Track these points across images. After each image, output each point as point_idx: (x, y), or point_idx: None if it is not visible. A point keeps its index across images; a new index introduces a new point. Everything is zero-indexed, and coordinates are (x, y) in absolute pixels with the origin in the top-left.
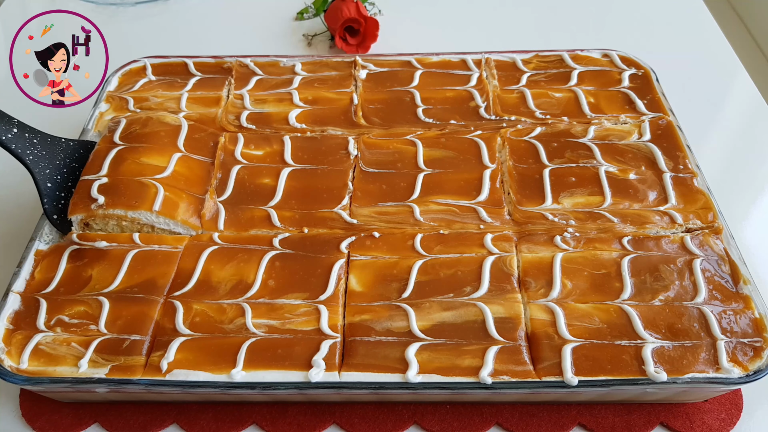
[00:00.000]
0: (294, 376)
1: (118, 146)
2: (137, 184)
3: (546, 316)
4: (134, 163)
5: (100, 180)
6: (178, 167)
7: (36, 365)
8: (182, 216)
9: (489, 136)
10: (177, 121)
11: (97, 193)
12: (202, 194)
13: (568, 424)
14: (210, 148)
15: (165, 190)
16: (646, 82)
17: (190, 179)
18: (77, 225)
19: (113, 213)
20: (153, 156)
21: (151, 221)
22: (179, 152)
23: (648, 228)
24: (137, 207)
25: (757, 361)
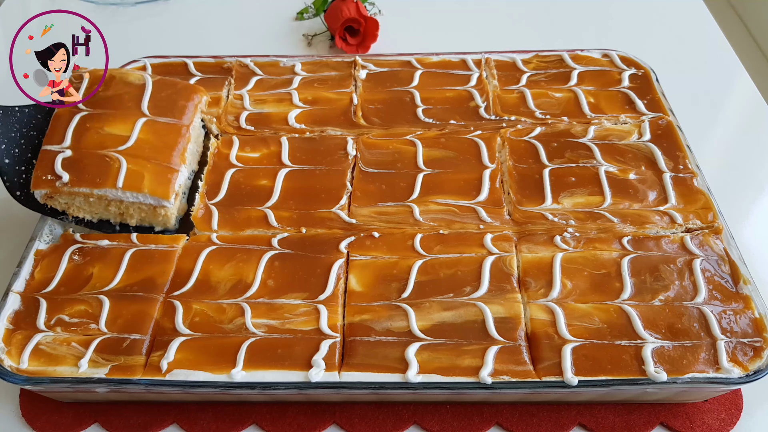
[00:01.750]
0: (294, 375)
1: (81, 112)
2: (100, 159)
3: (546, 316)
4: (97, 133)
5: (63, 153)
6: (142, 134)
7: (36, 365)
8: (149, 187)
9: (489, 136)
10: (140, 79)
11: (61, 170)
12: (170, 162)
13: (568, 424)
14: (180, 107)
15: (128, 162)
16: (646, 82)
17: (156, 146)
18: (41, 198)
19: (78, 191)
20: (116, 124)
21: (118, 197)
22: (143, 117)
23: (648, 228)
24: (101, 185)
25: (757, 361)
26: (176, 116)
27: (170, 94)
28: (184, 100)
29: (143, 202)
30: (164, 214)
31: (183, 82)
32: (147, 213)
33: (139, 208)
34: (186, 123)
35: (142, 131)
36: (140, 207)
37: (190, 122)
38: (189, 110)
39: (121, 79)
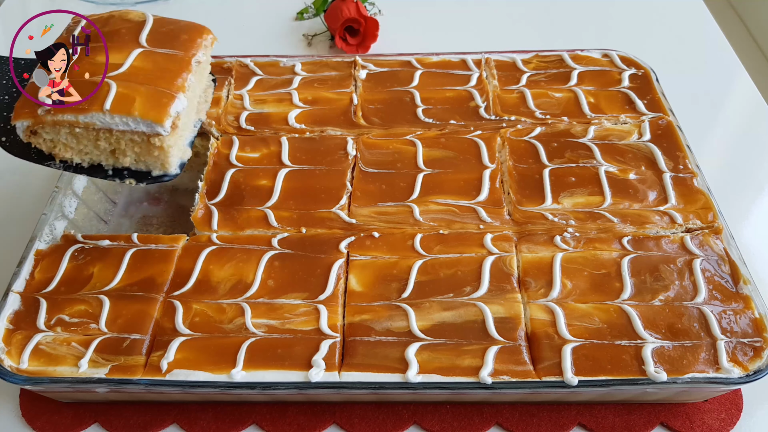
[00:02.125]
0: (294, 376)
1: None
2: (88, 83)
3: (546, 316)
4: (88, 63)
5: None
6: (137, 62)
7: (36, 365)
8: (140, 110)
9: (489, 136)
10: (141, 16)
11: (45, 97)
12: (166, 87)
13: (568, 424)
14: (182, 40)
15: (118, 87)
16: (646, 82)
17: (153, 73)
18: (23, 134)
19: (62, 119)
20: (110, 54)
21: (106, 123)
22: (140, 47)
23: (648, 228)
24: (86, 110)
25: (757, 361)
26: (177, 48)
27: (172, 29)
28: (186, 35)
29: (135, 130)
30: (160, 147)
31: (187, 21)
32: (141, 148)
33: (132, 141)
34: (189, 56)
35: (137, 59)
36: (132, 139)
37: (193, 55)
38: (193, 45)
39: (121, 17)
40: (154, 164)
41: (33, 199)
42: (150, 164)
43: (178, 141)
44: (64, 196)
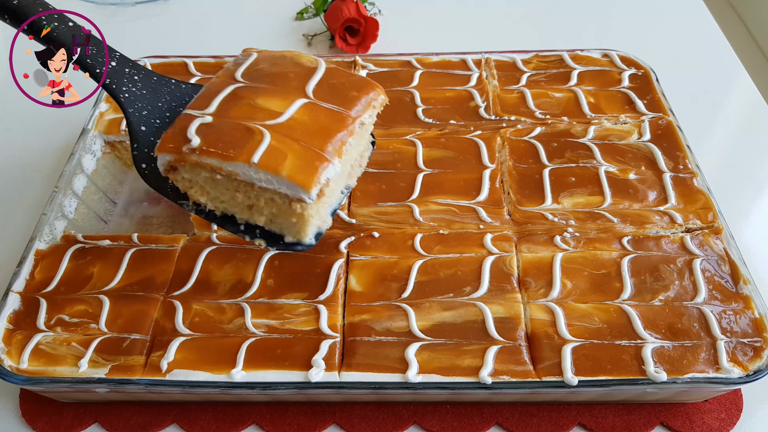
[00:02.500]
0: (294, 376)
1: (237, 83)
2: (241, 128)
3: (546, 316)
4: (247, 104)
5: (203, 118)
6: (298, 115)
7: (36, 365)
8: (288, 170)
9: (489, 136)
10: (313, 63)
11: (193, 133)
12: (322, 149)
13: (568, 424)
14: (350, 97)
15: (272, 138)
16: (646, 82)
17: (311, 130)
18: (163, 167)
19: (205, 161)
20: (272, 99)
21: (250, 177)
22: (305, 98)
23: (648, 228)
24: (233, 157)
25: (757, 361)
26: (343, 105)
27: (343, 83)
28: (356, 92)
29: (277, 190)
30: (300, 213)
31: (360, 76)
32: (280, 210)
33: (272, 201)
34: (353, 115)
35: (299, 112)
36: (273, 199)
37: (358, 116)
38: (360, 103)
39: (292, 59)
40: (289, 229)
41: (33, 199)
42: (284, 228)
43: (320, 209)
44: (64, 196)
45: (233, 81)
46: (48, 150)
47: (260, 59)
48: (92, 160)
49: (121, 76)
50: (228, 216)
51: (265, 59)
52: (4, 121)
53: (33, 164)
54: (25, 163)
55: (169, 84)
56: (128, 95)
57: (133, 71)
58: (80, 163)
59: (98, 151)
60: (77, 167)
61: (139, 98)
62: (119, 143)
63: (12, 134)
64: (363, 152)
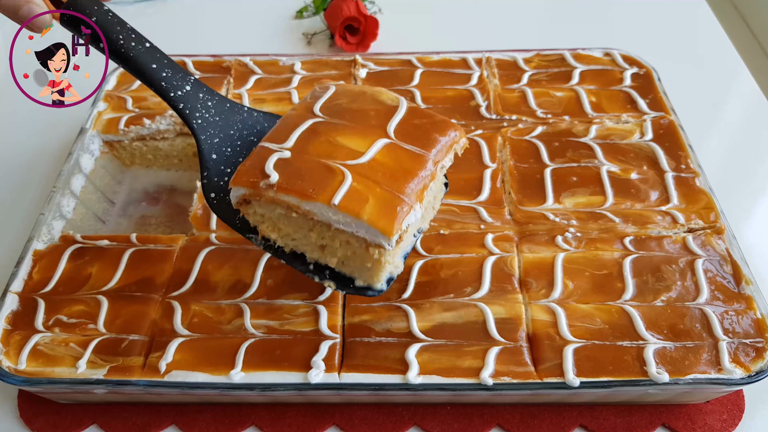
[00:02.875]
0: (293, 377)
1: (315, 118)
2: (322, 167)
3: (547, 317)
4: (327, 141)
5: (281, 153)
6: (380, 156)
7: (34, 366)
8: (370, 216)
9: (490, 136)
10: (395, 101)
11: (272, 169)
12: (403, 193)
13: (569, 425)
14: (431, 139)
15: (354, 180)
16: (648, 81)
17: (392, 172)
18: (236, 200)
19: (282, 199)
20: (353, 137)
21: (328, 218)
22: (386, 138)
23: (650, 228)
24: (313, 197)
25: (759, 361)
26: (424, 147)
27: (425, 123)
28: (438, 133)
29: (355, 234)
30: (377, 259)
31: (441, 117)
32: (355, 253)
33: (347, 244)
34: (434, 159)
35: (380, 152)
36: (349, 242)
37: (438, 160)
38: (441, 146)
39: (372, 96)
40: (361, 273)
41: (31, 199)
42: (356, 272)
43: (395, 255)
44: (62, 196)
45: (312, 115)
46: (46, 150)
47: (339, 93)
48: (90, 160)
49: (195, 100)
50: (297, 254)
51: (344, 94)
52: (2, 120)
53: (31, 164)
54: (22, 162)
55: (242, 111)
56: (201, 121)
57: (207, 96)
58: (78, 162)
59: (96, 151)
60: (75, 167)
61: (211, 125)
62: (117, 143)
63: (10, 134)
64: (437, 194)
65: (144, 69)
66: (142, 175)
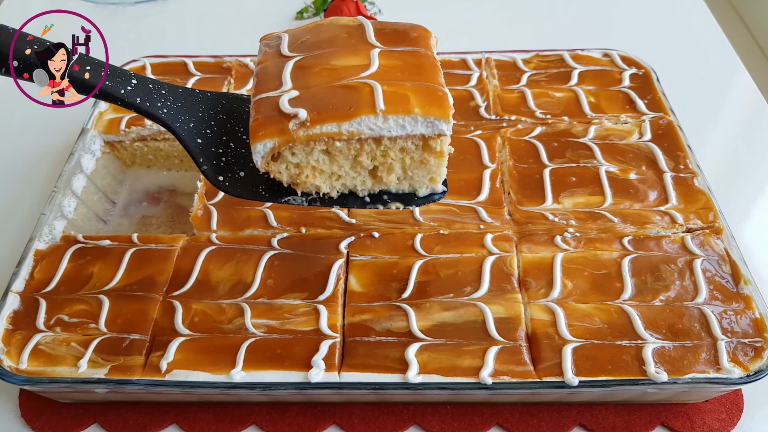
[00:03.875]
0: (294, 376)
1: (293, 58)
2: (341, 89)
3: (546, 317)
4: (325, 69)
5: (288, 94)
6: (384, 60)
7: (35, 365)
8: (420, 107)
9: (489, 136)
10: (355, 21)
11: (291, 108)
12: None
13: (568, 424)
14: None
15: (383, 85)
16: (647, 81)
17: (408, 70)
18: (263, 158)
19: (321, 131)
20: (346, 57)
21: (378, 129)
22: (376, 47)
23: (648, 228)
24: (355, 113)
25: (757, 361)
26: (415, 45)
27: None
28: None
29: (412, 134)
30: (440, 152)
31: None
32: (413, 158)
33: (404, 151)
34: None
35: (382, 58)
36: (405, 147)
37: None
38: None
39: (331, 23)
40: (422, 179)
41: (32, 199)
42: (417, 180)
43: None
44: (63, 196)
45: (286, 57)
46: (47, 150)
47: (296, 34)
48: (91, 160)
49: (148, 93)
50: (347, 194)
51: (302, 33)
52: (3, 121)
53: (32, 164)
54: (24, 162)
55: (195, 93)
56: (166, 110)
57: (157, 86)
58: (79, 163)
59: (97, 151)
60: (76, 167)
61: (178, 111)
62: (119, 143)
63: (11, 134)
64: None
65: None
66: (143, 175)
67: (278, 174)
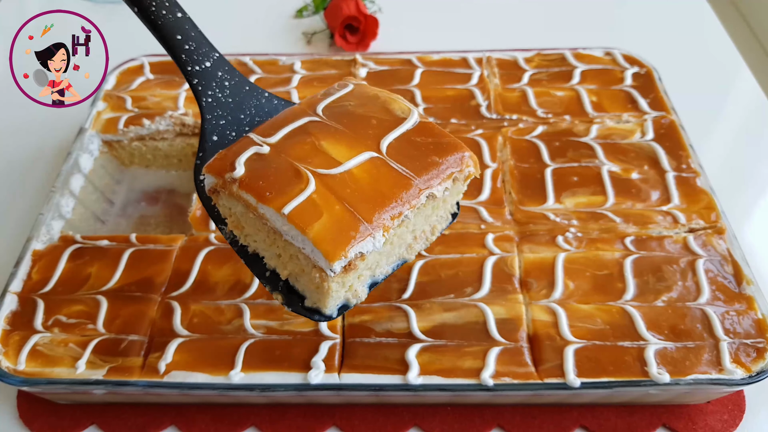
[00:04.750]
0: (293, 377)
1: (313, 116)
2: (291, 170)
3: (548, 317)
4: (311, 144)
5: (261, 147)
6: (359, 171)
7: (33, 366)
8: (316, 234)
9: (490, 135)
10: (404, 112)
11: (242, 163)
12: (366, 218)
13: (569, 426)
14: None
15: (316, 190)
16: (649, 80)
17: (365, 192)
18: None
19: (242, 195)
20: (339, 145)
21: (278, 226)
22: (375, 153)
23: (651, 228)
24: (268, 201)
25: (760, 362)
26: (416, 170)
27: (428, 142)
28: (438, 156)
29: (301, 250)
30: (319, 282)
31: (452, 139)
32: (301, 270)
33: (295, 258)
34: (421, 186)
35: (361, 167)
36: (297, 257)
37: (427, 187)
38: (436, 172)
39: (383, 103)
40: (310, 294)
41: (30, 199)
42: (306, 291)
43: (351, 282)
44: (61, 196)
45: (311, 113)
46: (45, 149)
47: (351, 94)
48: (89, 160)
49: (211, 78)
50: (258, 257)
51: (356, 95)
52: (2, 120)
53: (30, 164)
54: (21, 162)
55: (260, 96)
56: (211, 100)
57: (227, 76)
58: (77, 162)
59: (95, 151)
60: (74, 167)
61: (221, 106)
62: (117, 143)
63: (9, 133)
64: (435, 225)
65: (168, 39)
66: (142, 175)
67: (217, 204)
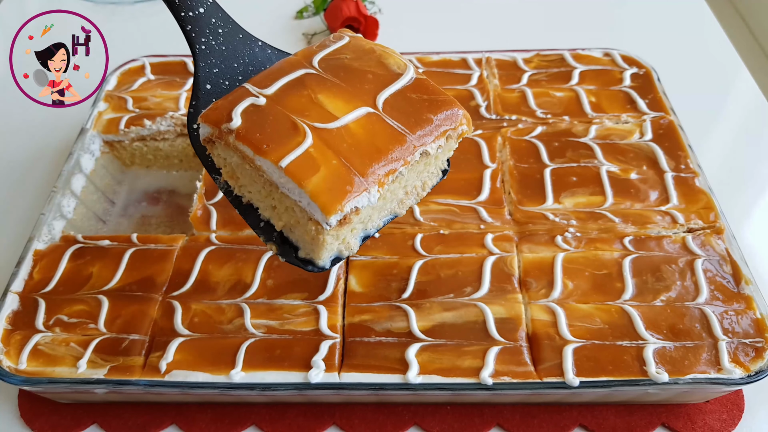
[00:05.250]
0: (293, 376)
1: (309, 69)
2: (288, 123)
3: (547, 317)
4: (308, 97)
5: (257, 99)
6: (355, 126)
7: (35, 366)
8: (313, 187)
9: (489, 136)
10: (401, 68)
11: (238, 114)
12: (362, 173)
13: (569, 425)
14: (423, 119)
15: (314, 144)
16: (648, 81)
17: (361, 146)
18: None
19: (239, 147)
20: (336, 99)
21: (275, 179)
22: (371, 108)
23: (649, 228)
24: (265, 153)
25: (758, 361)
26: (410, 126)
27: (423, 99)
28: (434, 115)
29: (297, 203)
30: (314, 234)
31: (447, 96)
32: (298, 222)
33: (291, 210)
34: (416, 143)
35: (358, 122)
36: (293, 209)
37: (421, 144)
38: (431, 128)
39: (379, 57)
40: (304, 245)
41: (31, 199)
42: (300, 242)
43: (344, 235)
44: (62, 196)
45: (307, 65)
46: (46, 150)
47: (347, 47)
48: (91, 160)
49: (204, 25)
50: (253, 207)
51: (352, 48)
52: (2, 120)
53: (31, 164)
54: (23, 162)
55: (254, 45)
56: (204, 47)
57: (220, 23)
58: (79, 162)
59: (97, 151)
60: (76, 167)
61: (215, 53)
62: (118, 143)
63: (10, 134)
64: (426, 180)
65: None
66: (143, 175)
67: (212, 155)
